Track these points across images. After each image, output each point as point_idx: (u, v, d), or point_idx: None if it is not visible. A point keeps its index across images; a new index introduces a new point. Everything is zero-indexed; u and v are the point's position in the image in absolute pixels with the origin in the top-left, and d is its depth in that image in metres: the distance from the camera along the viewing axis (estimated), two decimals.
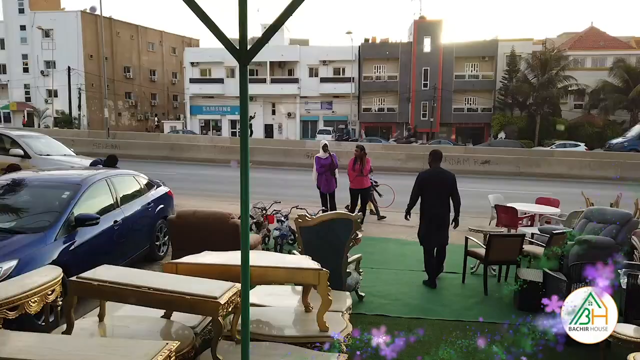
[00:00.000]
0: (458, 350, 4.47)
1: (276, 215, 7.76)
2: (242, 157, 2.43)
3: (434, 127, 42.71)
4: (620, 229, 6.30)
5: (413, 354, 4.34)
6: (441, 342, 4.55)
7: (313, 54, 45.07)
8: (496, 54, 42.18)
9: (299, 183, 16.23)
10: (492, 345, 4.55)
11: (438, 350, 4.45)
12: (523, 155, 23.38)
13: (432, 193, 6.18)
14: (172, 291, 3.07)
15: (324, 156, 9.34)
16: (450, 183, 6.19)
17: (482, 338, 4.74)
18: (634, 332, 4.00)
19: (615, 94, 36.61)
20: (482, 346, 4.52)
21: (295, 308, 4.14)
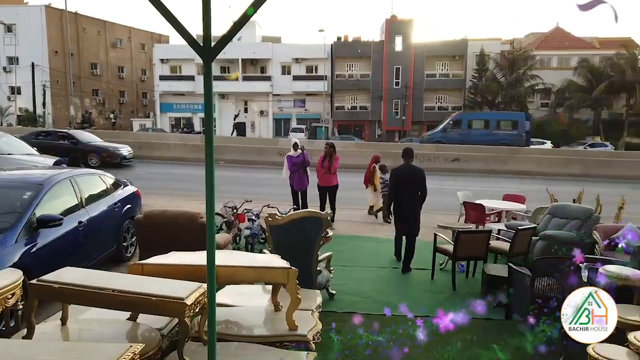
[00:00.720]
0: (424, 344, 4.55)
1: (247, 214, 7.70)
2: (207, 156, 2.39)
3: (406, 125, 43.18)
4: (583, 224, 6.52)
5: (384, 349, 4.39)
6: (407, 339, 4.62)
7: (286, 52, 44.88)
8: (466, 53, 42.88)
9: (272, 181, 16.16)
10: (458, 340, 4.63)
11: (404, 347, 4.52)
12: (492, 153, 23.89)
13: (403, 188, 6.61)
14: (137, 293, 3.01)
15: (295, 154, 9.32)
16: (420, 179, 6.60)
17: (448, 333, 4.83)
18: None
19: (580, 93, 37.74)
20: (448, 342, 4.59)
21: (265, 307, 4.13)
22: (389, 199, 6.97)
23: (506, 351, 4.33)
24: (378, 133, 44.55)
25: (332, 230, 8.62)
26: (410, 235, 6.71)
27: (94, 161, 18.07)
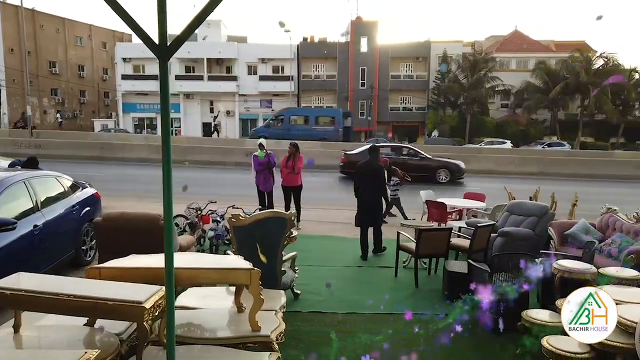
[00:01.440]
0: (388, 341, 4.63)
1: (212, 215, 7.62)
2: (163, 157, 2.36)
3: (372, 126, 43.63)
4: (539, 221, 6.76)
5: (346, 347, 4.44)
6: (370, 335, 4.68)
7: (252, 52, 44.57)
8: (429, 55, 43.70)
9: (238, 182, 16.03)
10: (420, 335, 4.73)
11: (367, 344, 4.59)
12: (454, 152, 24.42)
13: (364, 181, 7.24)
14: (93, 297, 2.94)
15: (261, 155, 9.30)
16: (380, 174, 7.22)
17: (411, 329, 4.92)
18: (549, 316, 4.30)
19: (537, 94, 39.05)
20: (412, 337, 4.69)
21: (228, 309, 4.09)
22: (355, 192, 7.51)
23: (466, 345, 4.47)
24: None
25: (298, 230, 8.70)
26: (375, 227, 7.35)
27: None
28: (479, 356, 4.16)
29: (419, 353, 4.35)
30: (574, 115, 39.84)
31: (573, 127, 38.68)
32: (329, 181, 16.84)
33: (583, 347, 3.70)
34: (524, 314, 4.33)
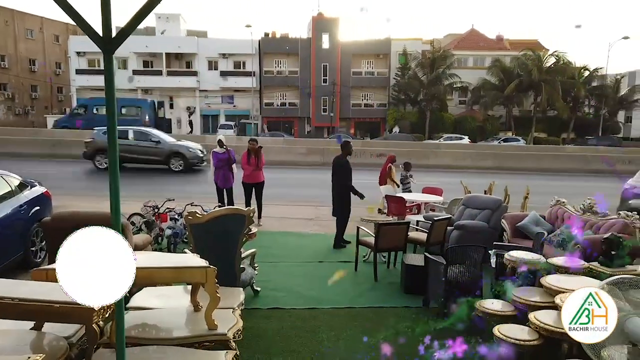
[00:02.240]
0: (347, 335, 4.68)
1: (169, 214, 7.47)
2: (110, 154, 2.29)
3: (334, 122, 43.84)
4: (493, 214, 6.97)
5: (306, 343, 4.46)
6: (330, 329, 4.72)
7: (212, 47, 43.86)
8: (389, 52, 44.28)
9: (197, 179, 15.80)
10: (378, 327, 4.80)
11: (327, 338, 4.62)
12: (414, 148, 24.88)
13: (333, 176, 7.71)
14: (39, 300, 2.83)
15: (220, 151, 9.18)
16: (343, 169, 7.62)
17: (370, 322, 4.99)
18: (501, 306, 4.45)
19: (493, 91, 40.29)
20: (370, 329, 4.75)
21: (185, 308, 4.02)
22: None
23: (420, 335, 4.57)
24: (307, 129, 44.87)
25: (259, 226, 8.66)
26: (337, 220, 7.75)
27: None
28: (433, 344, 4.24)
29: (377, 344, 4.41)
30: (527, 111, 41.32)
31: (527, 123, 40.14)
32: (291, 177, 16.80)
33: (532, 334, 3.85)
34: (478, 304, 4.45)
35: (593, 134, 39.36)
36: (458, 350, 3.74)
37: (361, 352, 4.25)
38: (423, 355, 4.16)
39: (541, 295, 4.27)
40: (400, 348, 4.25)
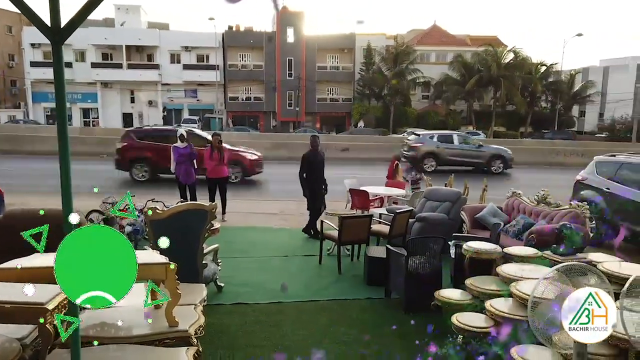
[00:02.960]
0: (311, 328, 4.71)
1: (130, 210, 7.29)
2: (60, 148, 2.22)
3: (300, 116, 43.77)
4: (453, 206, 7.15)
5: (270, 337, 4.47)
6: (296, 323, 4.75)
7: (174, 39, 42.90)
8: (354, 47, 44.50)
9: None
10: (342, 319, 4.85)
11: (291, 331, 4.64)
12: (378, 142, 25.15)
13: (312, 169, 7.82)
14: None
15: (182, 146, 9.03)
16: (323, 161, 7.95)
17: (333, 314, 5.04)
18: (460, 295, 4.58)
19: (455, 86, 41.12)
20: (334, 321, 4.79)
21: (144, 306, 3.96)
22: (301, 179, 7.97)
23: (382, 326, 4.66)
24: (273, 124, 44.65)
25: (224, 222, 8.58)
26: (323, 206, 8.03)
27: None
28: (395, 335, 4.34)
29: (340, 336, 4.47)
30: (488, 106, 42.42)
31: (487, 117, 41.22)
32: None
33: (488, 321, 3.99)
34: (437, 294, 4.57)
35: (549, 128, 40.84)
36: (418, 341, 3.83)
37: (325, 344, 4.29)
38: (386, 345, 4.25)
39: (497, 283, 4.42)
40: (363, 338, 4.31)
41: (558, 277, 2.93)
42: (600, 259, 4.55)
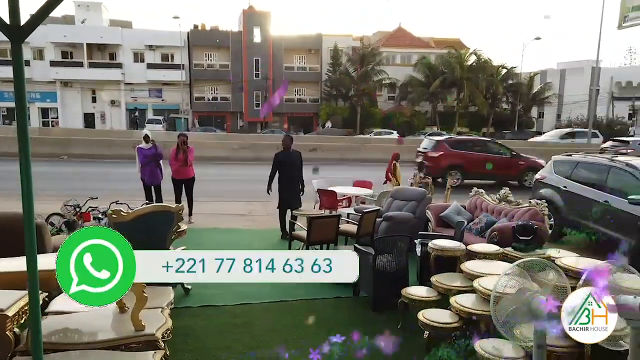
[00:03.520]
0: (280, 328, 4.72)
1: (92, 213, 7.13)
2: (21, 149, 2.16)
3: (267, 117, 43.59)
4: (418, 205, 7.29)
5: (239, 339, 4.45)
6: (263, 324, 4.75)
7: (138, 38, 41.95)
8: (321, 48, 44.67)
9: (124, 176, 15.07)
10: (310, 319, 4.88)
11: (260, 332, 4.63)
12: (346, 142, 25.34)
13: (287, 169, 7.87)
14: None
15: (146, 146, 8.86)
16: (300, 162, 7.96)
17: (302, 314, 5.07)
18: (426, 292, 4.68)
19: (420, 88, 41.91)
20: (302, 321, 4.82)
21: (110, 310, 3.88)
22: (270, 179, 8.01)
23: (350, 324, 4.71)
24: (240, 124, 44.30)
25: (190, 223, 8.47)
26: (296, 207, 7.91)
27: None
28: (363, 333, 4.39)
29: (309, 335, 4.50)
30: (451, 107, 43.43)
31: (451, 118, 42.20)
32: (224, 173, 16.56)
33: (453, 317, 4.10)
34: (404, 291, 4.66)
35: (509, 129, 42.13)
36: (387, 336, 3.90)
37: (294, 344, 4.31)
38: (354, 343, 4.30)
39: (461, 280, 4.55)
40: (332, 338, 4.35)
41: (518, 273, 3.04)
42: (559, 255, 4.75)
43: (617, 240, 6.62)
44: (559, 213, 7.97)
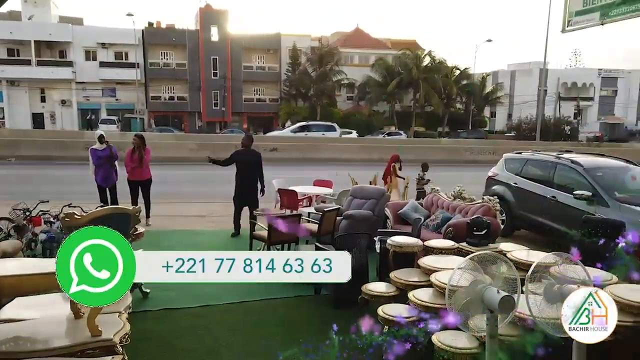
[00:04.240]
0: (242, 329, 4.71)
1: (43, 217, 6.87)
2: None
3: (226, 117, 43.09)
4: (377, 203, 7.43)
5: (199, 341, 4.41)
6: (225, 325, 4.73)
7: (89, 35, 40.52)
8: (280, 47, 44.55)
9: (77, 179, 14.56)
10: (271, 318, 4.89)
11: (222, 334, 4.61)
12: (306, 142, 25.41)
13: (244, 167, 7.84)
14: None
15: (100, 147, 8.60)
16: (258, 160, 7.91)
17: (264, 314, 5.07)
18: (385, 288, 4.79)
19: (377, 88, 42.57)
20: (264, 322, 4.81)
21: (64, 316, 3.76)
22: (221, 162, 8.02)
23: (311, 323, 4.76)
24: (198, 124, 43.57)
25: (148, 226, 8.29)
26: (252, 206, 7.89)
27: None
28: (324, 331, 4.44)
29: (269, 335, 4.52)
30: (408, 107, 44.33)
31: (408, 117, 43.09)
32: (182, 174, 16.27)
33: (411, 311, 4.21)
34: (364, 288, 4.75)
35: (464, 128, 43.45)
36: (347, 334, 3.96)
37: (256, 344, 4.32)
38: (316, 341, 4.34)
39: (419, 275, 4.68)
40: (293, 336, 4.38)
41: (472, 266, 3.17)
42: (510, 249, 4.96)
43: (564, 233, 6.96)
44: (510, 209, 8.30)
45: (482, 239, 5.15)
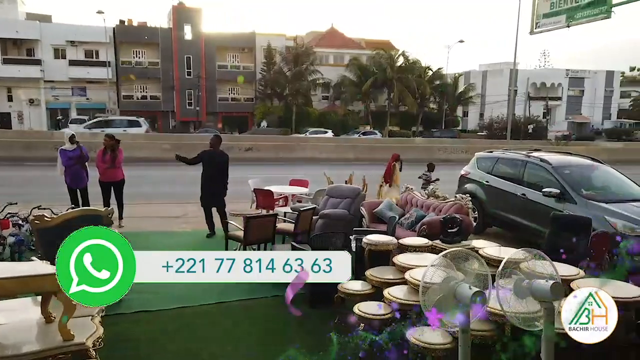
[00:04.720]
0: (218, 330, 4.70)
1: (12, 219, 6.68)
2: None
3: (201, 116, 42.62)
4: (353, 202, 7.48)
5: (175, 343, 4.38)
6: (202, 327, 4.70)
7: (58, 33, 39.47)
8: (254, 46, 44.30)
9: (46, 180, 14.19)
10: (248, 319, 4.89)
11: (199, 336, 4.59)
12: (281, 142, 25.37)
13: (210, 167, 7.84)
14: None
15: (70, 148, 8.40)
16: (225, 161, 7.95)
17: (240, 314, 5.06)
18: (360, 286, 4.84)
19: (352, 88, 42.81)
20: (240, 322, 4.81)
21: (34, 321, 3.68)
22: (187, 160, 8.11)
23: (288, 322, 4.78)
24: (172, 124, 42.98)
25: (121, 227, 8.16)
26: (220, 206, 7.88)
27: None
28: (301, 330, 4.48)
29: (247, 335, 4.51)
30: (383, 106, 44.71)
31: (383, 117, 43.47)
32: (155, 175, 16.03)
33: (386, 308, 4.27)
34: (340, 286, 4.78)
35: (437, 127, 44.09)
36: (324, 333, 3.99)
37: (233, 344, 4.31)
38: (293, 340, 4.36)
39: (393, 272, 4.75)
40: (270, 337, 4.40)
41: (445, 263, 3.23)
42: (482, 245, 5.08)
43: (534, 230, 7.16)
44: (482, 206, 8.47)
45: (454, 237, 5.25)
